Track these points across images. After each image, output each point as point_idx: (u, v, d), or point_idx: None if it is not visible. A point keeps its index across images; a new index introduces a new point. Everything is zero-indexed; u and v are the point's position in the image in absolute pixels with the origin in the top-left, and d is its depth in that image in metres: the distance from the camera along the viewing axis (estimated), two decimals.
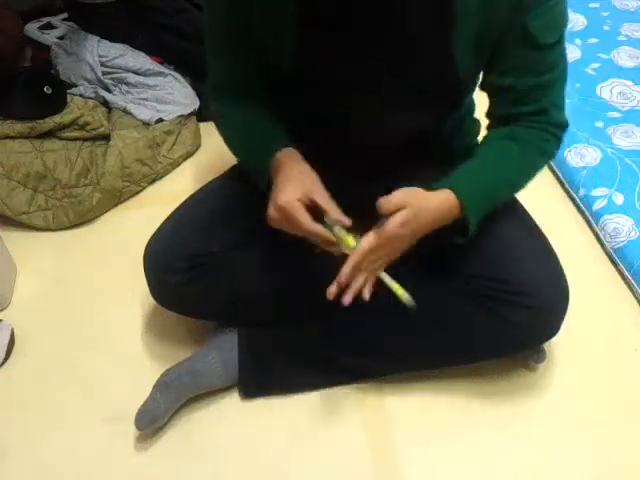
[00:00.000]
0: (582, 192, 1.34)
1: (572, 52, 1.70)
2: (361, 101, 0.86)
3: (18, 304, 1.22)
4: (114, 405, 1.04)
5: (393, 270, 0.85)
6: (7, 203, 1.32)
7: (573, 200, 1.38)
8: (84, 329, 1.17)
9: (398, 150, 0.96)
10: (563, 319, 0.93)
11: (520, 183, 0.93)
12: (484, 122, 1.11)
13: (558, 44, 0.85)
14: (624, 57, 1.68)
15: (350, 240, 0.81)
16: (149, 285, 1.00)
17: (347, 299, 0.82)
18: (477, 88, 1.03)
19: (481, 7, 0.80)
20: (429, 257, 1.03)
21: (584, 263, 1.25)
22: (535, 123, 0.90)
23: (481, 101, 1.09)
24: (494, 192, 0.89)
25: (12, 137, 1.37)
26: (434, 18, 0.82)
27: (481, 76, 0.92)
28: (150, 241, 0.99)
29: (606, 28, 1.79)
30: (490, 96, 0.94)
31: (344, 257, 0.82)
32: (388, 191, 0.80)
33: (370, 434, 1.00)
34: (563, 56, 0.88)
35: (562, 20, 0.85)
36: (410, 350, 1.00)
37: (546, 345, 1.04)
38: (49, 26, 1.67)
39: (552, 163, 1.45)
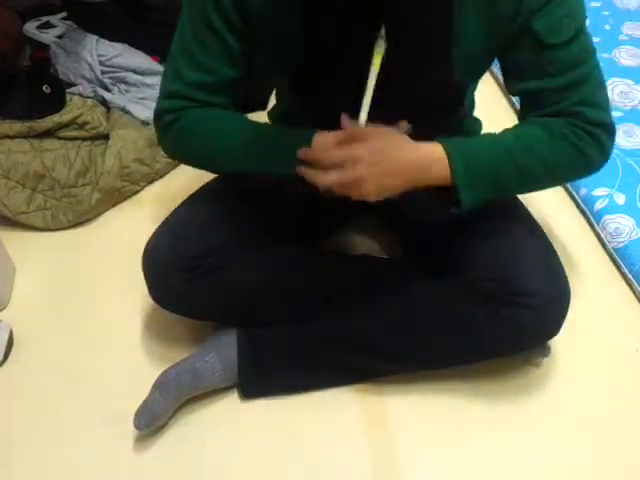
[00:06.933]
0: (583, 192, 1.34)
1: None
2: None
3: (17, 304, 1.21)
4: (114, 405, 1.04)
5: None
6: (5, 203, 1.32)
7: (574, 200, 1.37)
8: (83, 329, 1.16)
9: None
10: (564, 319, 0.93)
11: (536, 169, 0.84)
12: (485, 123, 1.11)
13: (573, 41, 0.82)
14: (625, 56, 1.67)
15: None
16: (148, 285, 0.99)
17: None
18: (477, 87, 1.03)
19: (483, 22, 0.80)
20: (432, 258, 1.03)
21: (585, 263, 1.24)
22: (566, 119, 0.84)
23: (482, 101, 1.09)
24: (493, 160, 0.83)
25: (11, 137, 1.36)
26: (435, 33, 0.82)
27: (503, 81, 0.90)
28: (149, 241, 0.99)
29: (607, 27, 1.78)
30: (520, 102, 0.91)
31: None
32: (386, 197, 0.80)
33: (370, 434, 1.00)
34: (585, 51, 0.84)
35: (574, 15, 0.81)
36: (411, 351, 0.99)
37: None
38: (48, 25, 1.66)
39: None
